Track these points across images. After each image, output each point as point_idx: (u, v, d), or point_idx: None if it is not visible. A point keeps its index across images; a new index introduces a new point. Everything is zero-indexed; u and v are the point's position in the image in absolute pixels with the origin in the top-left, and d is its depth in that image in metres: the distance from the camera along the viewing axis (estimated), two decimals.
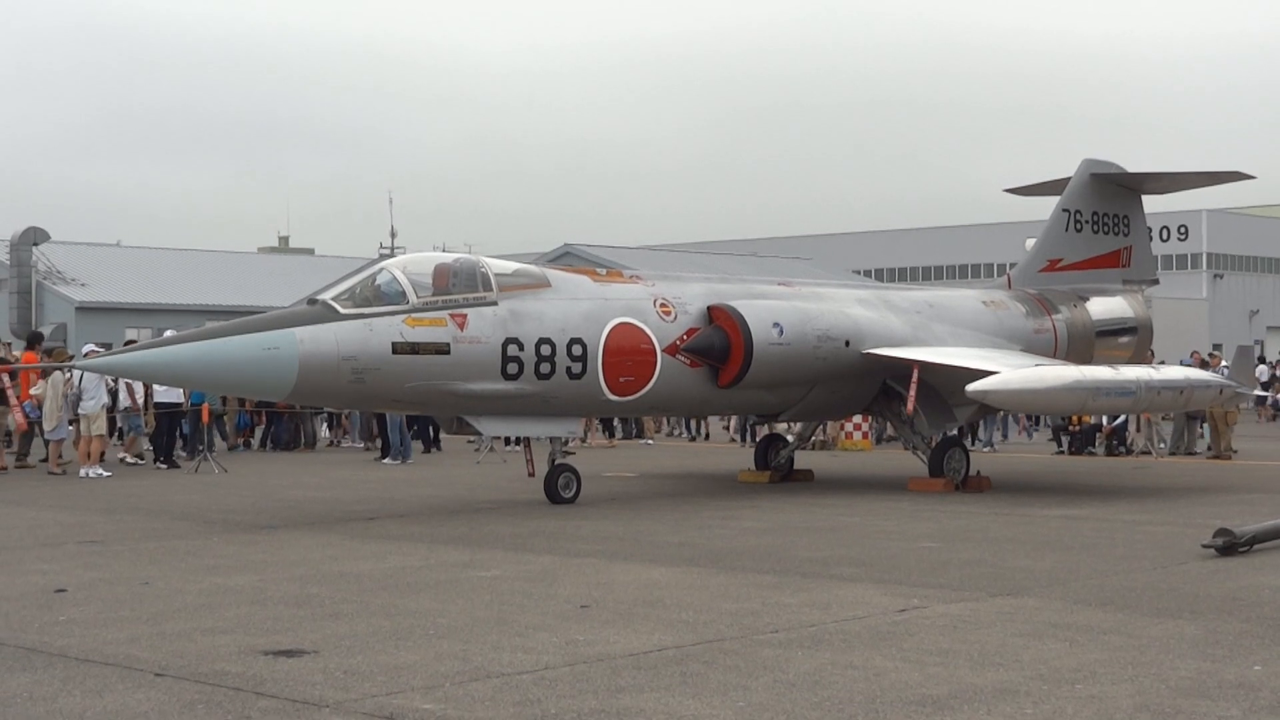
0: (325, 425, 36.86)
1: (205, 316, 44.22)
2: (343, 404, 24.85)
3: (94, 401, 27.30)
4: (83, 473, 26.91)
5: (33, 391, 28.89)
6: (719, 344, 21.15)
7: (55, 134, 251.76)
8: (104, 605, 12.05)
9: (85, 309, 68.95)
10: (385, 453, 30.69)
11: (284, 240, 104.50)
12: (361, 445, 35.00)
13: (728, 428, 39.75)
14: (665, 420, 40.04)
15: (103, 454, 27.85)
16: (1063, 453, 33.74)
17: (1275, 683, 8.87)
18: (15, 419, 29.82)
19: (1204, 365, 34.31)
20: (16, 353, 37.83)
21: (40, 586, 12.99)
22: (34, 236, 57.86)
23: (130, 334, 52.77)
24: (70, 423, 27.34)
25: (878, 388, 23.16)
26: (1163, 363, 31.28)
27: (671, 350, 20.72)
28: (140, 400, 28.74)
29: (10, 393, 29.48)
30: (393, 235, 61.58)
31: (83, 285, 72.35)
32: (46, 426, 27.62)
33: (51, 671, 9.40)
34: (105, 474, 26.97)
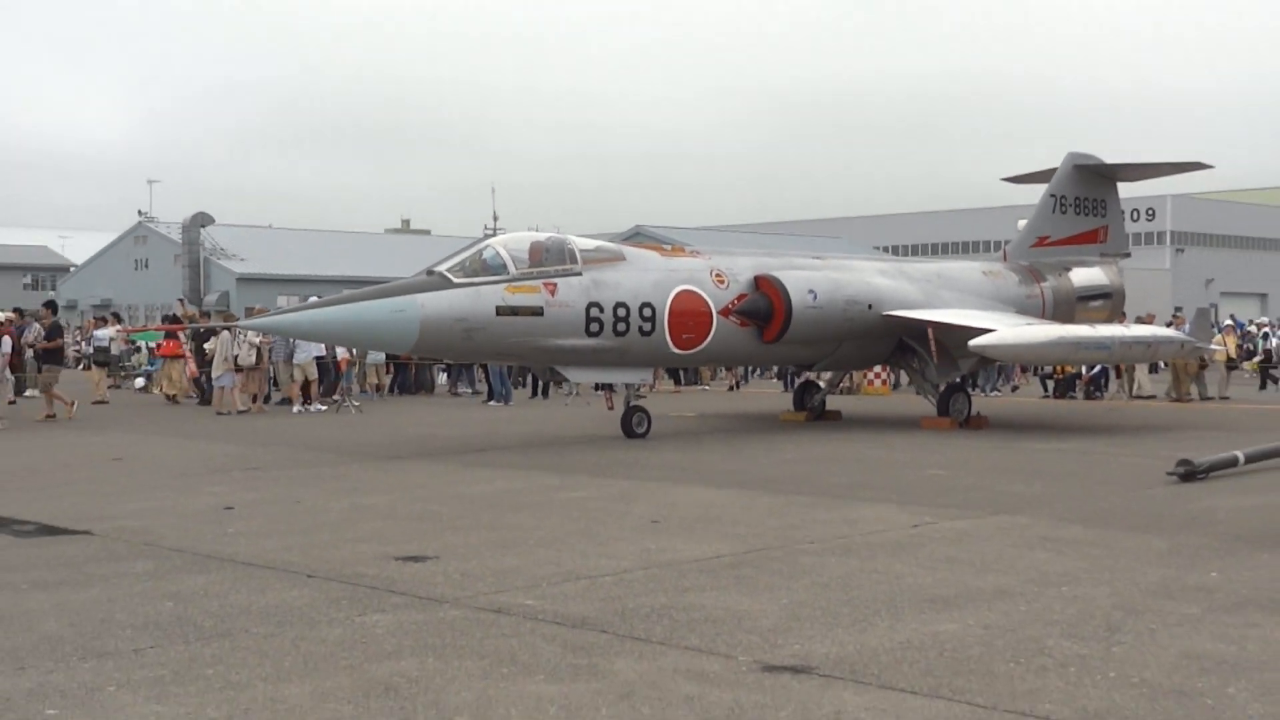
0: (443, 374, 36.93)
1: (342, 285, 44.60)
2: (455, 357, 25.13)
3: (305, 353, 27.86)
4: (295, 409, 27.83)
5: (205, 346, 29.31)
6: (764, 307, 21.20)
7: (220, 134, 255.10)
8: (264, 520, 12.35)
9: (244, 279, 70.12)
10: (490, 396, 30.89)
11: (405, 222, 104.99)
12: (471, 390, 35.13)
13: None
14: (718, 370, 39.85)
15: (310, 393, 28.53)
16: (1048, 397, 33.48)
17: (1230, 587, 8.98)
18: (189, 368, 30.31)
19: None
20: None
21: (212, 505, 13.29)
22: (201, 220, 58.51)
23: (281, 300, 53.32)
24: (236, 370, 27.62)
25: (895, 343, 23.16)
26: (1139, 319, 31.14)
27: (725, 312, 20.79)
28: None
29: (186, 347, 30.00)
30: (495, 218, 61.50)
31: (242, 260, 73.57)
32: (215, 374, 27.94)
33: (223, 574, 9.66)
34: (322, 408, 27.60)
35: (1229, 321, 39.35)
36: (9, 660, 7.14)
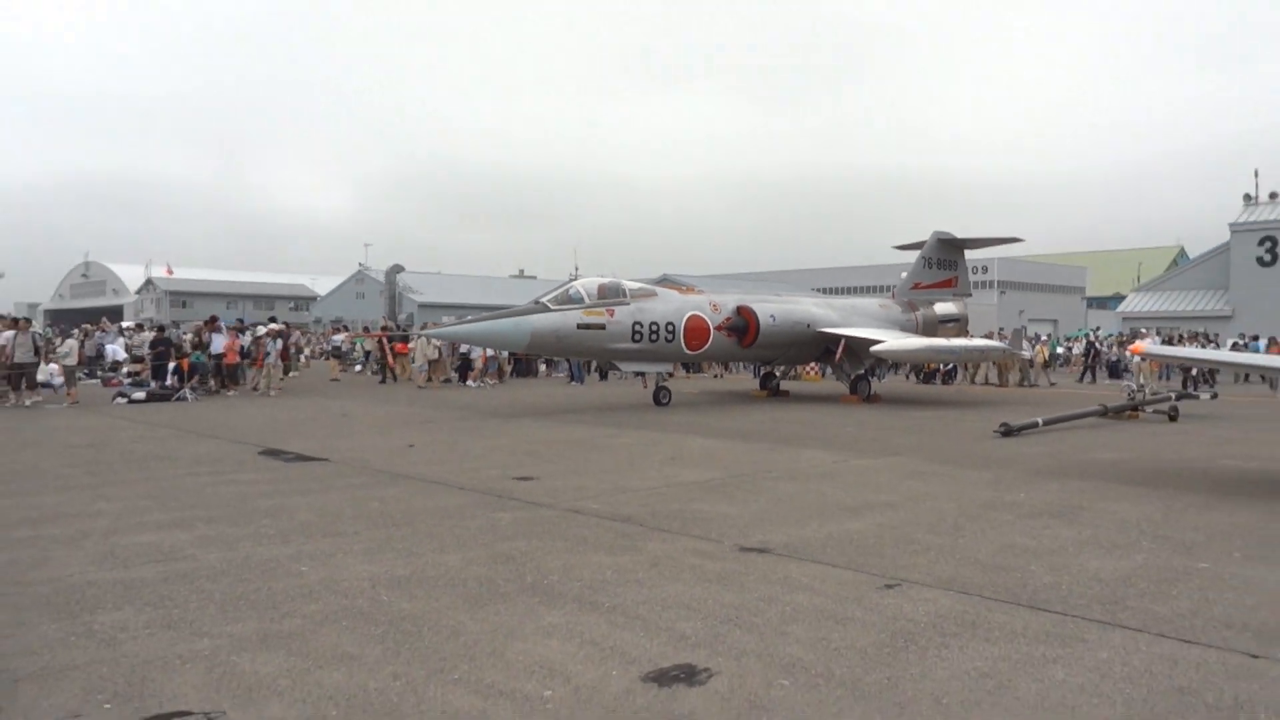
0: (543, 365, 36.75)
1: (481, 310, 44.68)
2: (552, 354, 24.86)
3: (475, 351, 28.11)
4: (471, 384, 27.93)
5: (409, 345, 29.54)
6: (743, 325, 21.15)
7: (405, 207, 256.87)
8: (433, 453, 12.39)
9: (423, 307, 70.32)
10: (572, 379, 30.89)
11: (521, 270, 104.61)
12: (564, 376, 35.00)
13: (718, 376, 39.02)
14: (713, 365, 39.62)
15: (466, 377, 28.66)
16: (920, 384, 33.17)
17: (1031, 503, 8.94)
18: (390, 359, 30.23)
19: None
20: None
21: (400, 444, 13.36)
22: (397, 269, 58.49)
23: (445, 319, 53.55)
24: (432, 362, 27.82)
25: (823, 348, 23.04)
26: (975, 335, 30.82)
27: (719, 328, 20.74)
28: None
29: (388, 350, 30.11)
30: (576, 267, 61.65)
31: (420, 294, 73.69)
32: (415, 364, 28.11)
33: (409, 486, 9.74)
34: (473, 385, 27.75)
35: (1044, 338, 38.67)
36: (278, 538, 7.32)
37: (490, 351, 28.76)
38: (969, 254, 28.34)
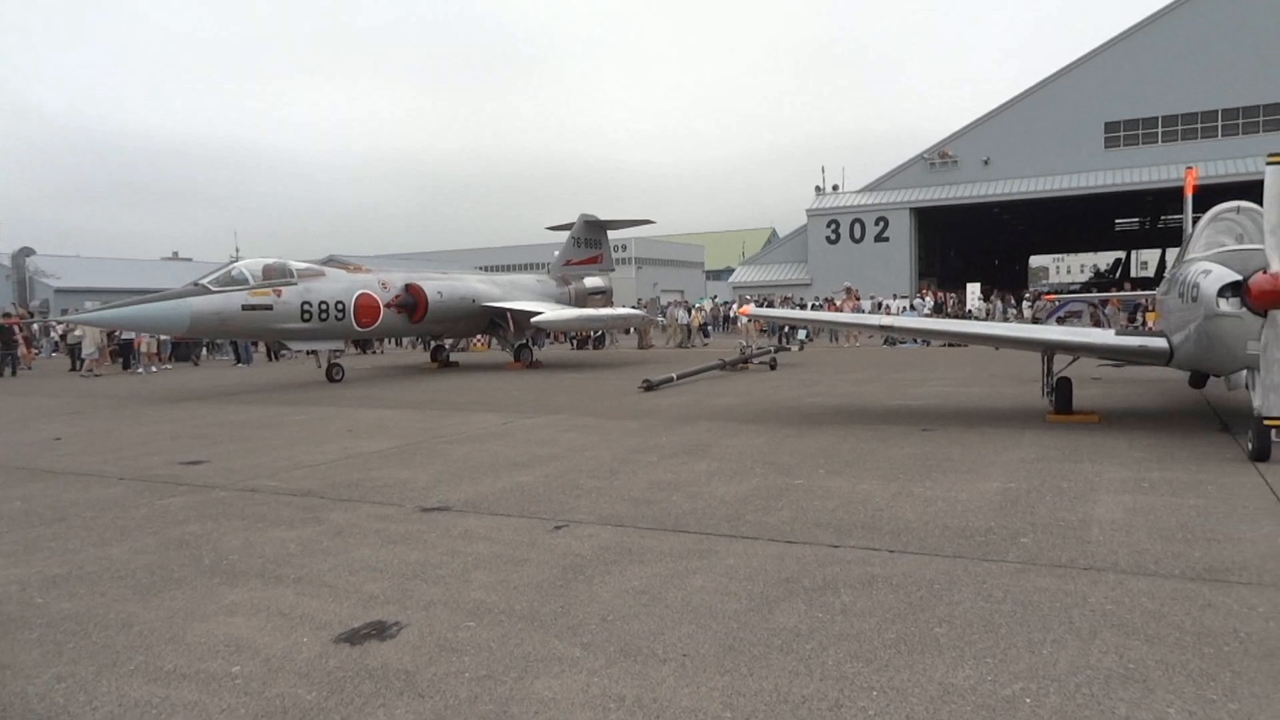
0: (232, 347, 31.80)
1: (131, 294, 38.95)
2: (215, 336, 21.88)
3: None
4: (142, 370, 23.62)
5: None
6: (412, 302, 20.62)
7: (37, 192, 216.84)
8: (85, 444, 10.71)
9: (60, 292, 59.65)
10: (238, 360, 28.20)
11: (175, 253, 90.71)
12: (231, 358, 31.47)
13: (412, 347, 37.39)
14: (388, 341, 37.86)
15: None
16: (575, 349, 34.18)
17: (671, 444, 9.56)
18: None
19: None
20: None
21: (43, 437, 11.40)
22: (26, 252, 49.35)
23: (89, 305, 45.83)
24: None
25: (489, 321, 23.16)
26: (624, 305, 32.52)
27: (389, 305, 20.05)
28: None
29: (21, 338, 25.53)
30: (237, 249, 56.36)
31: (56, 278, 62.48)
32: (87, 352, 24.08)
33: (57, 481, 8.41)
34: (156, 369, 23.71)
35: (699, 305, 37.52)
36: None
37: (148, 337, 25.47)
38: (611, 233, 29.79)
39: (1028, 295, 38.00)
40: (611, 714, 3.45)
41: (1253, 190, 9.10)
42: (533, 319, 21.48)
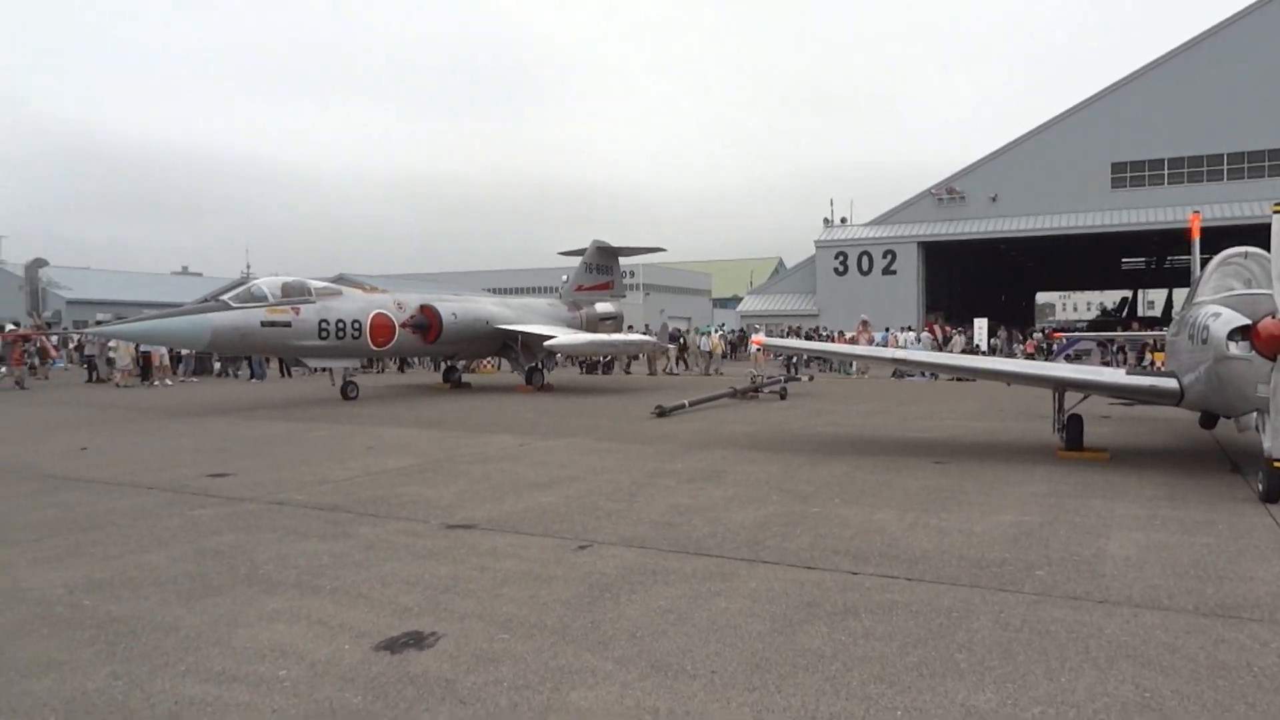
0: (247, 363, 31.68)
1: (145, 308, 39.01)
2: (234, 352, 21.92)
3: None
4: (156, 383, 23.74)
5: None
6: (425, 323, 20.84)
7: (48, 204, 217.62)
8: (112, 455, 10.86)
9: (72, 303, 60.24)
10: (252, 376, 28.44)
11: (185, 268, 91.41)
12: (246, 373, 31.34)
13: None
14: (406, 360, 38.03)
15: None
16: (583, 374, 34.32)
17: (688, 470, 9.62)
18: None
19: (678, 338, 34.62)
20: None
21: (68, 447, 11.54)
22: (39, 263, 49.77)
23: (100, 317, 46.09)
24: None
25: (500, 344, 23.35)
26: (631, 328, 32.62)
27: (404, 325, 20.26)
28: None
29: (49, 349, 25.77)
30: (248, 265, 56.44)
31: (68, 290, 63.17)
32: (121, 364, 24.37)
33: (89, 490, 8.52)
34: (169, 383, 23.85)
35: (705, 332, 38.04)
36: None
37: (162, 351, 25.74)
38: (622, 261, 30.04)
39: (1034, 331, 38.12)
40: None
41: (1258, 233, 9.31)
42: (546, 343, 21.65)
